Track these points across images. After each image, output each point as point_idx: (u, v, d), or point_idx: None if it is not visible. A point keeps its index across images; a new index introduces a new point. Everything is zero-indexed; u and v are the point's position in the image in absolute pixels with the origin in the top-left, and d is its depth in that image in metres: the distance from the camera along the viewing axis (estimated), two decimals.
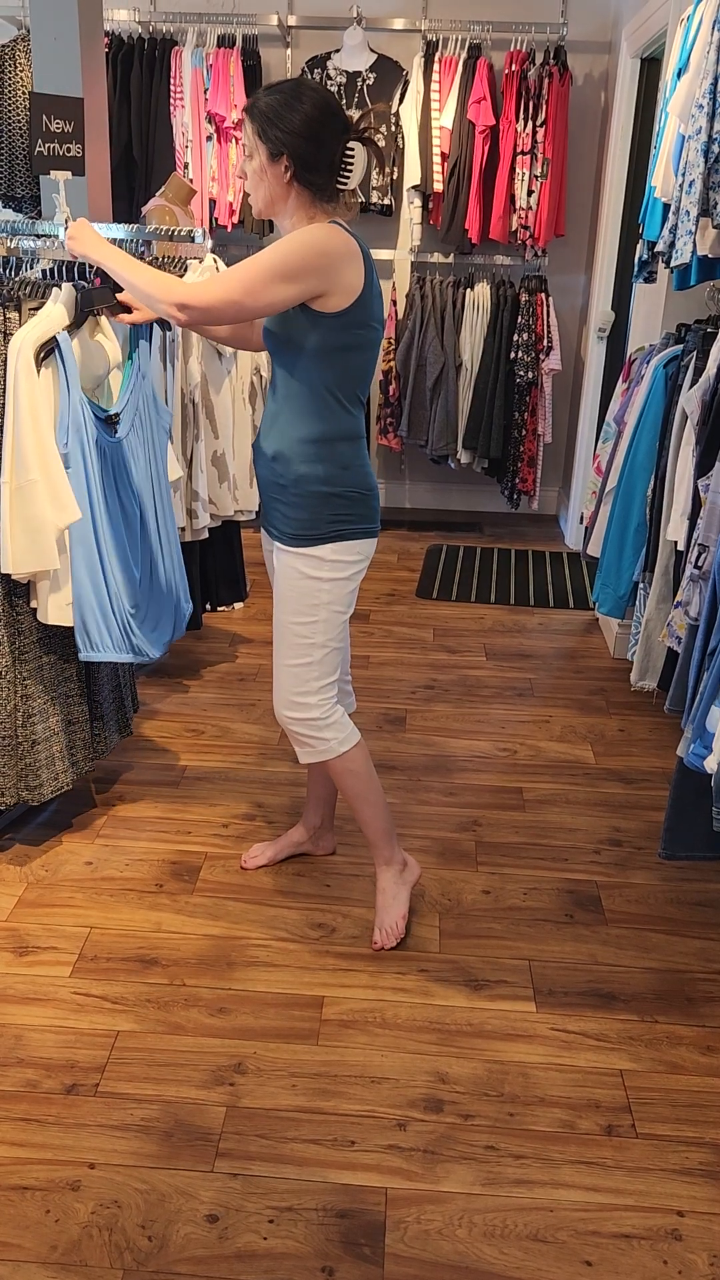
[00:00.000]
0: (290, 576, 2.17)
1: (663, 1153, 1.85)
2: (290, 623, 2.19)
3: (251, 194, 2.05)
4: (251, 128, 2.00)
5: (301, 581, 2.16)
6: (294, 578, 2.17)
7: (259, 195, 2.04)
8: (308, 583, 2.16)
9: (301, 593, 2.17)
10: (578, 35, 4.98)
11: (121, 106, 4.93)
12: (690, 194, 2.65)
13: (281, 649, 2.22)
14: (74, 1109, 1.89)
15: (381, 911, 2.35)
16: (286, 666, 2.21)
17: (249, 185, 2.05)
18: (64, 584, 2.35)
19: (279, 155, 1.99)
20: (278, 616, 2.22)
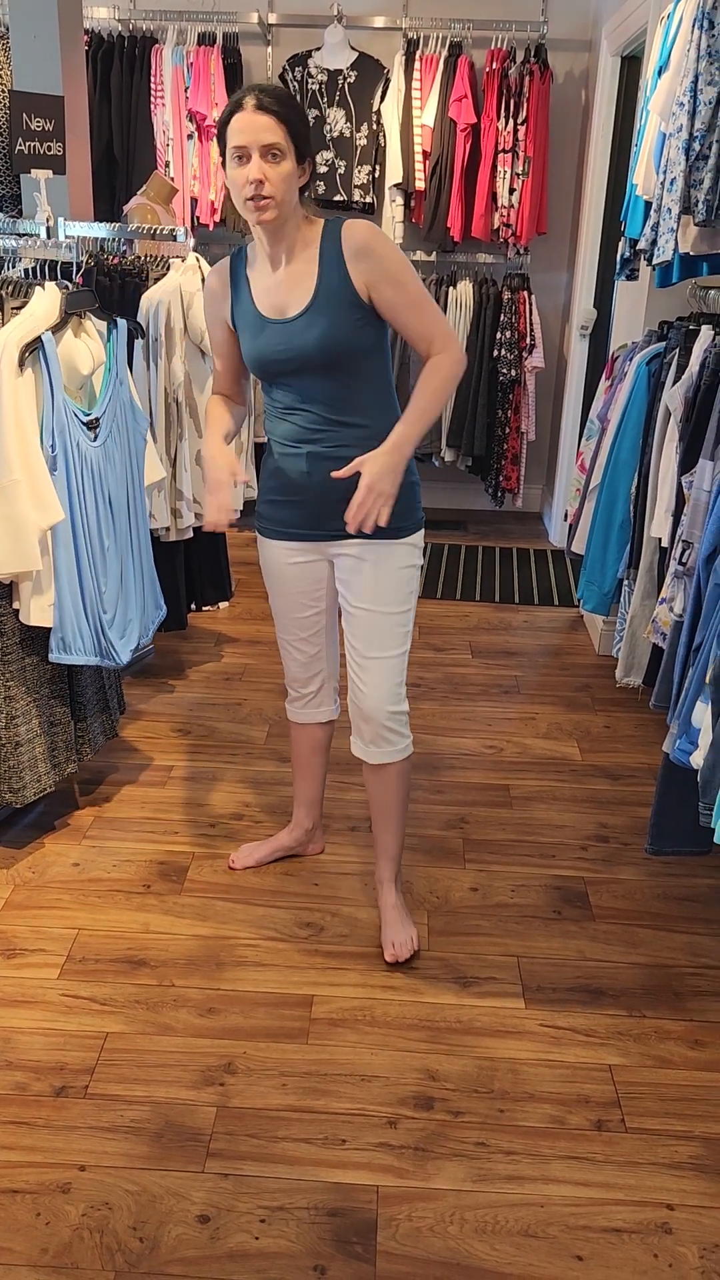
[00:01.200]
0: (390, 570, 2.17)
1: (652, 1147, 1.86)
2: (391, 614, 2.20)
3: (277, 198, 1.93)
4: (283, 131, 1.91)
5: (402, 571, 2.19)
6: (394, 570, 2.18)
7: (286, 200, 1.95)
8: (407, 571, 2.20)
9: (402, 582, 2.19)
10: (558, 33, 5.00)
11: (102, 105, 4.91)
12: (672, 191, 2.67)
13: (381, 643, 2.20)
14: (63, 1111, 1.89)
15: (401, 925, 2.32)
16: (387, 659, 2.21)
17: (274, 189, 1.92)
18: (47, 585, 2.35)
19: (304, 159, 1.97)
20: (373, 613, 2.19)
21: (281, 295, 2.03)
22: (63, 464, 2.33)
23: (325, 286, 1.99)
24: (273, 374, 2.07)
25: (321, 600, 2.31)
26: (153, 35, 4.93)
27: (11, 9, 3.51)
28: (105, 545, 2.49)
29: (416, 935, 2.31)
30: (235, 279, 2.10)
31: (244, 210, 1.95)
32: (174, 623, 3.57)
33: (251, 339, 2.07)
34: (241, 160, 1.92)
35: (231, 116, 1.91)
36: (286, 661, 2.43)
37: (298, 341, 2.01)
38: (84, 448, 2.39)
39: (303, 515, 2.19)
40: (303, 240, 2.02)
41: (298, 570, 2.27)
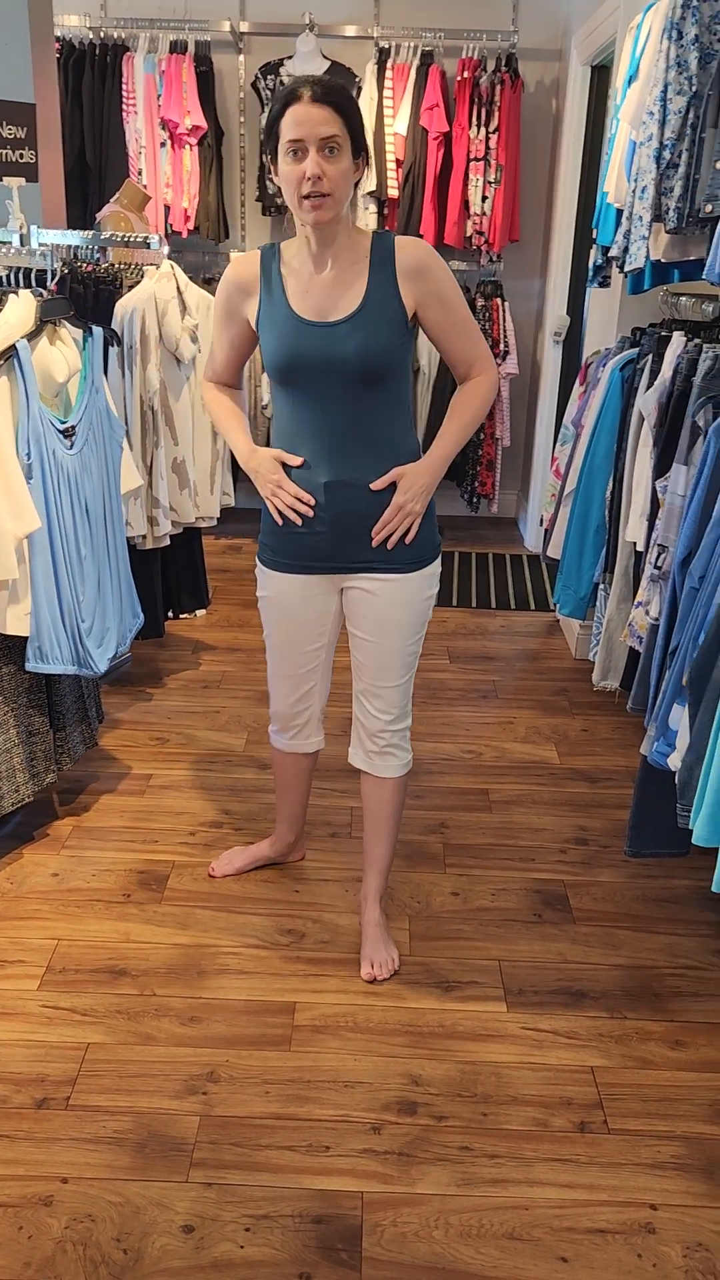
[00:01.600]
0: (411, 602, 2.11)
1: (635, 1147, 1.87)
2: (406, 646, 2.15)
3: (335, 196, 1.85)
4: (341, 123, 1.82)
5: (422, 602, 2.13)
6: (415, 601, 2.12)
7: (343, 198, 1.87)
8: (426, 602, 2.14)
9: (420, 613, 2.14)
10: (528, 43, 5.04)
11: (74, 112, 4.90)
12: (643, 199, 2.69)
13: (394, 672, 2.16)
14: (45, 1123, 1.87)
15: (383, 944, 2.29)
16: (398, 686, 2.18)
17: (332, 185, 1.83)
18: (23, 594, 2.33)
19: (359, 154, 1.90)
20: (391, 645, 2.13)
21: (324, 298, 1.94)
22: (39, 472, 2.32)
23: (373, 296, 1.93)
24: (297, 378, 1.97)
25: (327, 634, 2.23)
26: (124, 43, 4.93)
27: None
28: (82, 553, 2.49)
29: (397, 956, 2.29)
30: (267, 274, 1.99)
31: (297, 209, 1.87)
32: (152, 631, 3.56)
33: (282, 338, 1.96)
34: (297, 155, 1.82)
35: (286, 109, 1.81)
36: (277, 698, 2.34)
37: (337, 347, 1.92)
38: (60, 456, 2.38)
39: (318, 547, 2.08)
40: (350, 244, 1.95)
41: (307, 604, 2.16)
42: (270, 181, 4.92)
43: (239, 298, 2.02)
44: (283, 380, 1.99)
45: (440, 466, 2.01)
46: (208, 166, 5.01)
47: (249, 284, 2.01)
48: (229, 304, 2.05)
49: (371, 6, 5.06)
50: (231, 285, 2.03)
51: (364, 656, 2.17)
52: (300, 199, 1.84)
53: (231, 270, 2.03)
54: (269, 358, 1.99)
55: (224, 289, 2.05)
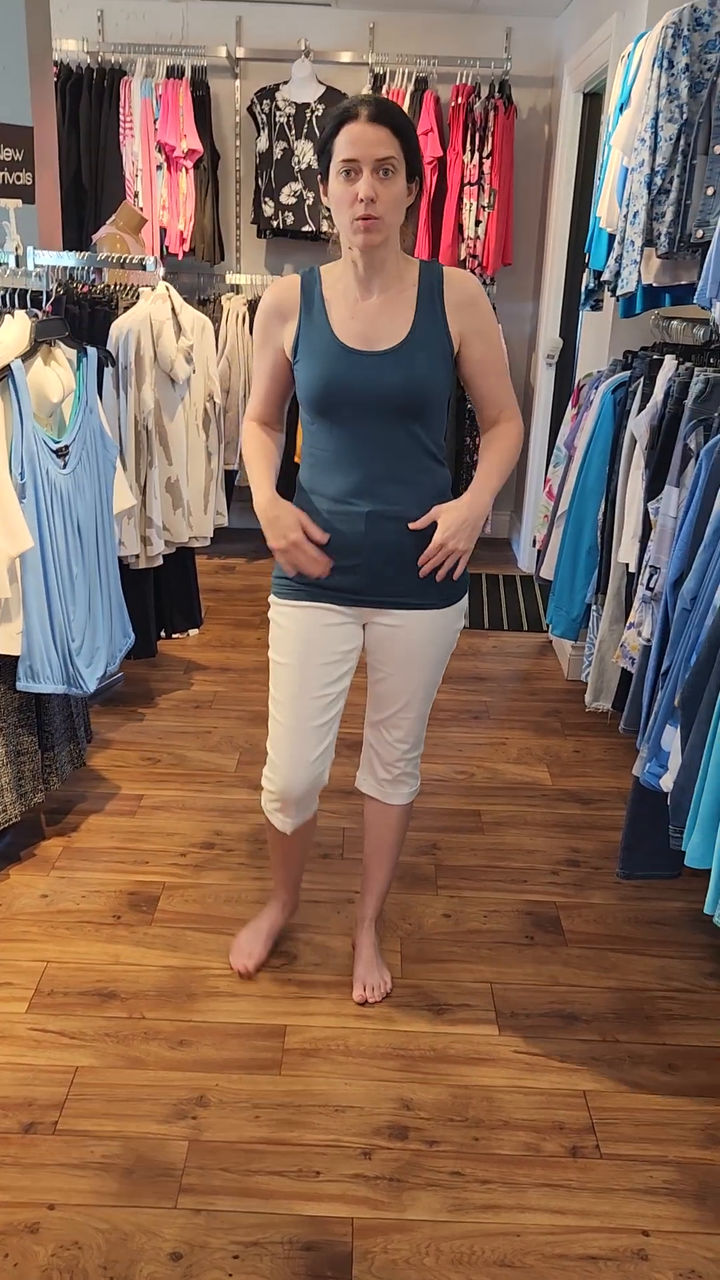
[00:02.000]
0: (441, 638, 2.05)
1: (627, 1173, 1.85)
2: (432, 679, 2.09)
3: (387, 219, 1.76)
4: (398, 145, 1.74)
5: (451, 637, 2.07)
6: (445, 637, 2.06)
7: (395, 222, 1.79)
8: (455, 634, 2.08)
9: (449, 646, 2.08)
10: (521, 70, 5.09)
11: (71, 136, 4.93)
12: (634, 225, 2.72)
13: (415, 704, 2.10)
14: (32, 1148, 1.85)
15: (377, 967, 2.27)
16: (418, 719, 2.14)
17: (385, 209, 1.75)
18: (15, 613, 2.33)
19: (414, 178, 1.81)
20: (416, 679, 2.06)
21: (370, 326, 1.85)
22: (32, 492, 2.32)
23: (421, 326, 1.86)
24: (338, 409, 1.87)
25: (350, 664, 2.07)
26: (121, 67, 4.97)
27: None
28: (74, 573, 2.48)
29: (389, 979, 2.27)
30: (308, 298, 1.89)
31: (347, 231, 1.78)
32: (143, 650, 3.56)
33: (323, 366, 1.86)
34: (350, 176, 1.74)
35: (341, 127, 1.74)
36: (291, 765, 2.05)
37: (384, 377, 1.83)
38: (53, 475, 2.39)
39: (354, 580, 1.96)
40: (398, 271, 1.87)
41: (333, 633, 2.01)
42: (266, 203, 5.01)
43: (277, 323, 1.92)
44: (322, 410, 1.89)
45: (482, 502, 1.90)
46: (203, 189, 5.05)
47: (288, 309, 1.90)
48: (267, 331, 1.94)
49: (367, 34, 5.11)
50: (269, 310, 1.93)
51: (386, 689, 2.10)
52: (351, 221, 1.76)
53: (270, 295, 1.93)
54: (307, 386, 1.88)
55: (263, 315, 1.95)
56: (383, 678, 2.09)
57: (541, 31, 5.10)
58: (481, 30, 5.09)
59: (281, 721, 2.05)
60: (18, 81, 3.51)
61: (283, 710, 2.04)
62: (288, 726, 2.04)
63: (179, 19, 5.11)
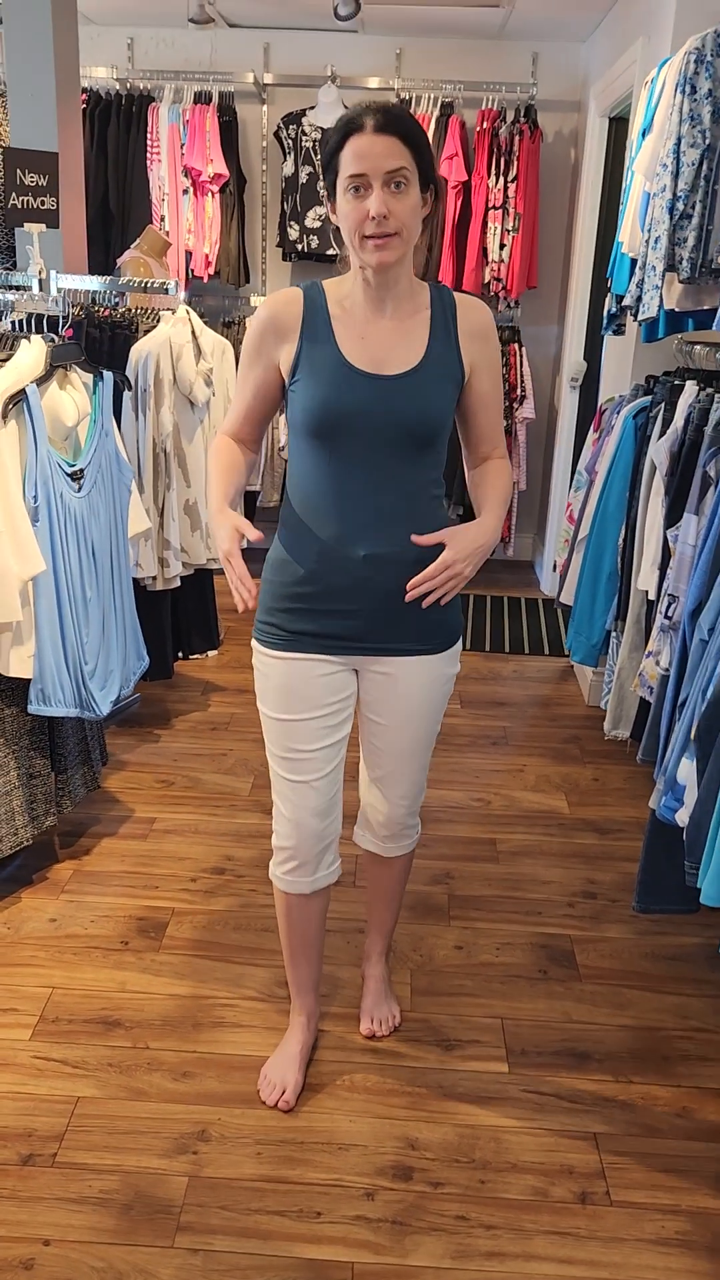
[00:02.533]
0: (436, 686, 1.91)
1: (638, 1222, 1.80)
2: (431, 729, 1.96)
3: (403, 235, 1.64)
4: (410, 155, 1.61)
5: (447, 683, 1.94)
6: (441, 684, 1.92)
7: (411, 237, 1.66)
8: (450, 681, 1.95)
9: (445, 694, 1.95)
10: (548, 95, 5.10)
11: (99, 161, 4.99)
12: (656, 249, 2.69)
13: (413, 757, 1.97)
14: (30, 1181, 1.82)
15: (385, 1000, 2.21)
16: (419, 770, 2.01)
17: (400, 223, 1.62)
18: (27, 637, 2.33)
19: (429, 187, 1.67)
20: (415, 730, 1.94)
21: (382, 348, 1.73)
22: (45, 515, 2.32)
23: (435, 352, 1.74)
24: (341, 436, 1.72)
25: (348, 712, 1.92)
26: (150, 94, 5.02)
27: (10, 70, 3.57)
28: (87, 596, 2.48)
29: (398, 1013, 2.21)
30: (312, 316, 1.74)
31: (358, 250, 1.65)
32: (160, 672, 3.55)
33: (328, 389, 1.71)
34: (359, 192, 1.61)
35: (346, 140, 1.61)
36: (299, 815, 1.91)
37: (396, 403, 1.70)
38: (68, 499, 2.39)
39: (347, 627, 1.82)
40: (411, 291, 1.75)
41: (324, 683, 1.86)
42: (292, 227, 5.03)
43: (273, 339, 1.76)
44: (322, 436, 1.73)
45: (493, 532, 1.76)
46: (229, 213, 5.08)
47: (287, 325, 1.74)
48: (261, 344, 1.77)
49: (393, 59, 5.14)
50: (266, 325, 1.76)
51: (384, 743, 1.96)
52: (362, 239, 1.63)
53: (268, 309, 1.76)
54: (307, 409, 1.73)
55: (257, 328, 1.77)
56: (379, 731, 1.95)
57: (569, 56, 5.10)
58: (508, 55, 5.10)
59: (284, 776, 1.91)
60: (45, 108, 3.55)
61: (283, 765, 1.90)
62: (292, 781, 1.90)
63: (208, 46, 5.17)
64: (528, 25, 4.80)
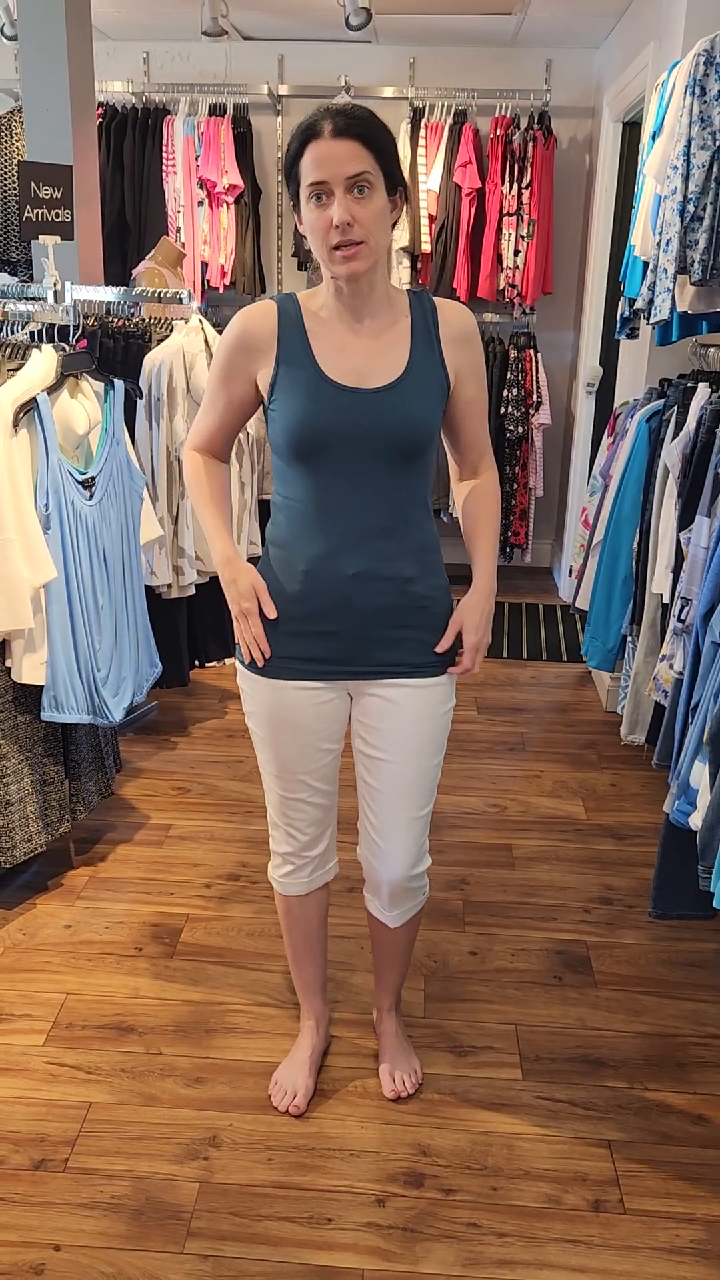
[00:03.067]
0: (431, 714, 1.82)
1: (652, 1230, 1.78)
2: (429, 767, 1.85)
3: (370, 242, 1.58)
4: (371, 157, 1.55)
5: (446, 712, 1.85)
6: (436, 713, 1.82)
7: (379, 243, 1.60)
8: (449, 712, 1.86)
9: (442, 727, 1.85)
10: (561, 101, 5.10)
11: (115, 173, 5.03)
12: (667, 252, 2.68)
13: (411, 800, 1.85)
14: (41, 1186, 1.83)
15: (405, 1055, 2.09)
16: (418, 818, 1.87)
17: (365, 231, 1.56)
18: (39, 644, 2.34)
19: (396, 189, 1.62)
20: (413, 765, 1.83)
21: (362, 360, 1.67)
22: (57, 522, 2.33)
23: (418, 361, 1.68)
24: (324, 453, 1.66)
25: (339, 741, 1.88)
26: (165, 107, 5.07)
27: (25, 84, 3.61)
28: (99, 603, 2.49)
29: (419, 1067, 2.08)
30: (287, 330, 1.68)
31: (327, 261, 1.60)
32: (175, 679, 3.56)
33: (308, 405, 1.65)
34: (321, 200, 1.56)
35: (304, 148, 1.56)
36: (288, 829, 1.93)
37: (380, 416, 1.65)
38: (79, 506, 2.40)
39: (335, 649, 1.76)
40: (388, 299, 1.70)
41: (316, 712, 1.80)
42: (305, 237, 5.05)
43: (246, 357, 1.69)
44: (304, 454, 1.67)
45: (492, 588, 1.78)
46: (244, 224, 5.11)
47: (261, 341, 1.68)
48: (232, 362, 1.71)
49: (407, 69, 5.16)
50: (238, 341, 1.69)
51: (380, 781, 1.84)
52: (329, 250, 1.58)
53: (240, 323, 1.70)
54: (287, 428, 1.66)
55: (229, 344, 1.71)
56: (374, 766, 1.85)
57: (582, 62, 5.11)
58: (521, 62, 5.11)
59: (278, 792, 1.89)
60: (60, 122, 3.59)
61: (275, 783, 1.88)
62: (285, 797, 1.89)
63: (222, 58, 5.20)
64: (540, 33, 4.81)
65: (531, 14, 4.48)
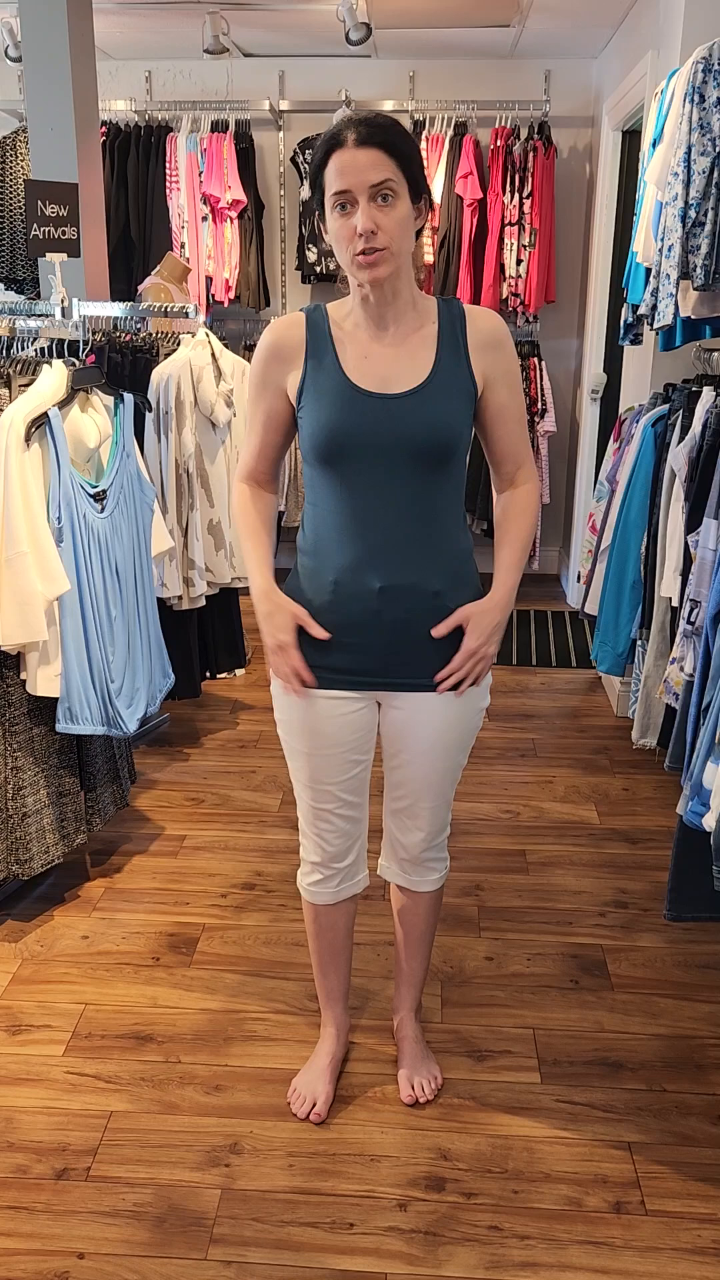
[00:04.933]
0: (465, 720, 1.85)
1: (674, 1231, 1.78)
2: (456, 763, 1.90)
3: (393, 249, 1.59)
4: (394, 165, 1.57)
5: (476, 718, 1.87)
6: (469, 717, 1.85)
7: (402, 250, 1.62)
8: (479, 715, 1.88)
9: (473, 729, 1.88)
10: (561, 111, 5.13)
11: (119, 191, 5.08)
12: (669, 258, 2.70)
13: (440, 789, 1.90)
14: (64, 1195, 1.84)
15: (424, 1061, 2.10)
16: (442, 804, 1.93)
17: (389, 238, 1.58)
18: (53, 656, 2.36)
19: (420, 197, 1.63)
20: (439, 765, 1.87)
21: (387, 366, 1.68)
22: (69, 535, 2.35)
23: (444, 367, 1.69)
24: (350, 459, 1.67)
25: (369, 751, 1.89)
26: (168, 124, 5.12)
27: (29, 104, 3.66)
28: (112, 615, 2.51)
29: (439, 1073, 2.08)
30: (315, 339, 1.71)
31: (351, 269, 1.62)
32: (187, 691, 3.57)
33: (333, 411, 1.67)
34: (346, 209, 1.58)
35: (328, 157, 1.58)
36: (317, 840, 1.93)
37: (404, 421, 1.65)
38: (91, 519, 2.42)
39: (363, 662, 1.77)
40: (414, 305, 1.71)
41: (345, 721, 1.82)
42: (310, 250, 5.09)
43: (276, 367, 1.73)
44: (330, 460, 1.69)
45: (509, 602, 1.77)
46: (248, 238, 5.15)
47: (290, 350, 1.71)
48: (264, 374, 1.75)
49: (407, 82, 5.20)
50: (269, 352, 1.73)
51: (405, 778, 1.89)
52: (353, 257, 1.59)
53: (271, 335, 1.73)
54: (313, 434, 1.69)
55: (260, 356, 1.74)
56: (400, 765, 1.89)
57: (580, 72, 5.14)
58: (520, 74, 5.14)
59: (307, 801, 1.90)
60: (65, 141, 3.63)
61: (305, 793, 1.90)
62: (315, 807, 1.90)
63: (224, 75, 5.25)
64: (539, 44, 4.84)
65: (529, 25, 4.51)
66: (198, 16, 4.41)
